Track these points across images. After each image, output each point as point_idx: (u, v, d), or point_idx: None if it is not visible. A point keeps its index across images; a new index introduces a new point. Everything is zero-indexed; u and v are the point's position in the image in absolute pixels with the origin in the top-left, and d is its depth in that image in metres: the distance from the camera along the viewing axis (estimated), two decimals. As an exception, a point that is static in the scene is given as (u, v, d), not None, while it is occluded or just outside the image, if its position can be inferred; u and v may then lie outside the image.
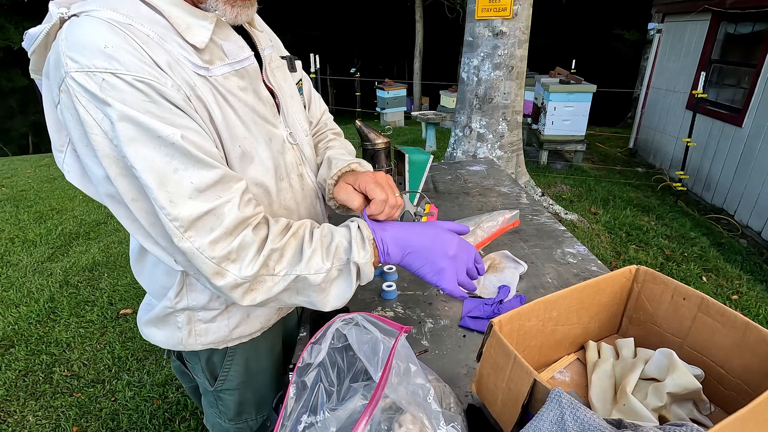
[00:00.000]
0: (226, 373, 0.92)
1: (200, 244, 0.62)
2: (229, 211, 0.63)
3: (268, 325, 0.91)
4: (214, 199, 0.63)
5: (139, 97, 0.58)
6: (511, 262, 1.18)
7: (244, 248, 0.64)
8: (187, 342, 0.84)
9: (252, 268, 0.65)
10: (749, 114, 4.30)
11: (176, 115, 0.62)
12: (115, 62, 0.57)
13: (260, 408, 0.99)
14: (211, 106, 0.67)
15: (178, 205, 0.60)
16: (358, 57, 15.20)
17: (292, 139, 0.84)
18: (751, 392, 0.65)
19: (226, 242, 0.63)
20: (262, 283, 0.67)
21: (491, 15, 3.60)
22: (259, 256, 0.65)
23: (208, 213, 0.62)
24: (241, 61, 0.72)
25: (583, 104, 5.41)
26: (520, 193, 1.72)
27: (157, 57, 0.62)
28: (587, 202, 4.51)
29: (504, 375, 0.63)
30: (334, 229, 0.74)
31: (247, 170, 0.74)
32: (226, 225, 0.63)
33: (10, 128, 14.31)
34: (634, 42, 11.92)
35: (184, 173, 0.61)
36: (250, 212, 0.66)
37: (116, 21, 0.60)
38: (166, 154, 0.60)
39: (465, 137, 4.04)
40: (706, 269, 3.35)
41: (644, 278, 0.80)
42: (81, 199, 4.60)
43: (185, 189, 0.61)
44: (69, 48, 0.58)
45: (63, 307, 2.74)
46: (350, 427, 0.54)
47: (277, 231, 0.69)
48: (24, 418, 1.98)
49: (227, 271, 0.64)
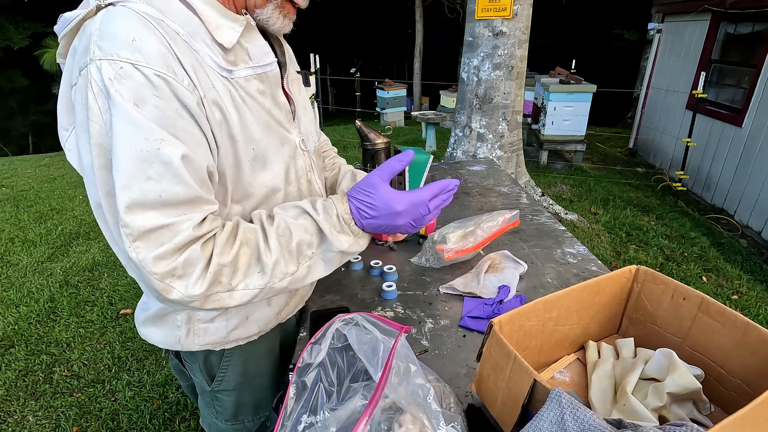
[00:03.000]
0: (224, 374, 0.92)
1: (144, 257, 0.59)
2: (186, 228, 0.61)
3: (266, 329, 0.91)
4: (176, 215, 0.61)
5: (149, 92, 0.59)
6: (511, 262, 1.18)
7: (190, 264, 0.61)
8: (185, 341, 0.84)
9: (201, 286, 0.62)
10: (749, 114, 4.30)
11: (180, 117, 0.62)
12: (138, 54, 0.59)
13: (257, 410, 0.99)
14: (228, 108, 0.68)
15: (133, 212, 0.58)
16: (358, 57, 15.20)
17: (304, 146, 0.86)
18: (751, 392, 0.65)
19: (171, 258, 0.60)
20: (219, 301, 0.65)
21: (491, 15, 3.60)
22: (206, 273, 0.62)
23: (164, 227, 0.60)
24: (263, 66, 0.74)
25: (583, 104, 5.41)
26: (520, 193, 1.72)
27: (183, 55, 0.63)
28: (587, 202, 4.51)
29: (504, 375, 0.63)
30: (290, 223, 0.71)
31: (257, 172, 0.75)
32: (177, 242, 0.60)
33: (10, 128, 14.30)
34: (634, 42, 11.91)
35: (156, 184, 0.59)
36: (205, 229, 0.64)
37: (149, 15, 0.62)
38: (145, 160, 0.58)
39: (465, 137, 4.04)
40: (706, 269, 3.35)
41: (644, 278, 0.80)
42: (81, 199, 4.60)
43: (150, 199, 0.59)
44: (100, 37, 0.59)
45: (63, 307, 2.74)
46: (350, 427, 0.54)
47: (222, 242, 0.65)
48: (24, 418, 1.98)
49: (172, 288, 0.61)
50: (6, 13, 13.94)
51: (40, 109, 14.49)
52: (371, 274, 1.19)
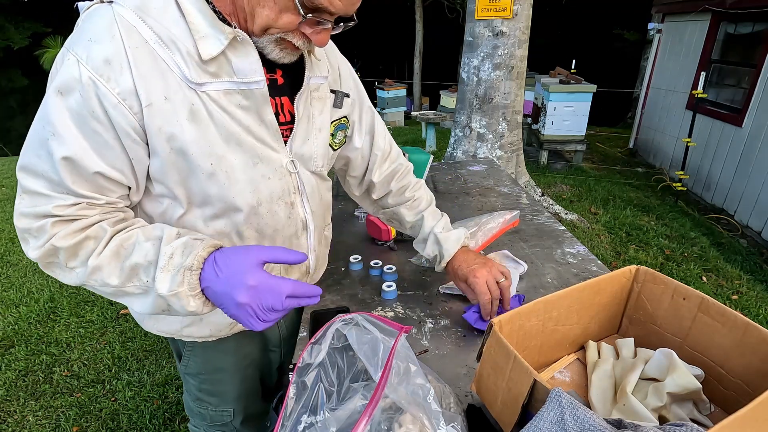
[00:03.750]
0: (187, 360, 1.00)
1: (17, 208, 0.69)
2: (50, 203, 0.67)
3: (219, 335, 0.94)
4: (50, 190, 0.67)
5: (77, 87, 0.64)
6: (511, 262, 1.18)
7: (38, 233, 0.68)
8: (146, 323, 0.92)
9: (36, 253, 0.69)
10: (749, 114, 4.29)
11: (94, 119, 0.65)
12: (85, 53, 0.64)
13: (221, 401, 1.05)
14: (181, 121, 0.68)
15: (23, 172, 0.68)
16: (358, 57, 15.19)
17: (292, 167, 0.82)
18: (751, 392, 0.65)
19: (30, 220, 0.68)
20: (59, 270, 0.71)
21: (491, 15, 3.60)
22: (42, 248, 0.68)
23: (42, 195, 0.67)
24: (248, 83, 0.72)
25: (583, 104, 5.41)
26: (520, 193, 1.72)
27: (139, 63, 0.65)
28: (587, 202, 4.51)
29: (504, 375, 0.63)
30: (139, 242, 0.69)
31: (215, 186, 0.74)
32: (37, 210, 0.68)
33: (10, 128, 14.30)
34: (634, 42, 11.91)
35: (40, 163, 0.66)
36: (68, 213, 0.68)
37: (124, 19, 0.65)
38: (39, 141, 0.66)
39: (465, 137, 4.04)
40: (706, 269, 3.35)
41: (644, 278, 0.80)
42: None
43: (34, 170, 0.67)
44: (76, 29, 0.68)
45: (63, 307, 2.74)
46: (350, 427, 0.54)
47: (73, 230, 0.69)
48: (24, 418, 1.98)
49: (26, 241, 0.70)
50: (6, 13, 13.94)
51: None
52: (371, 274, 1.19)
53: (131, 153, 0.69)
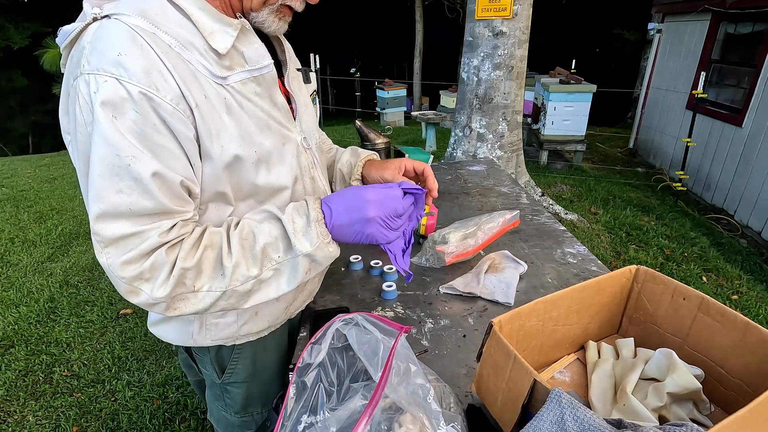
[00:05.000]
0: (234, 366, 0.93)
1: (113, 262, 0.63)
2: (153, 235, 0.64)
3: (276, 324, 0.93)
4: (144, 224, 0.64)
5: (129, 106, 0.61)
6: (511, 262, 1.18)
7: (156, 269, 0.65)
8: (197, 337, 0.86)
9: (165, 289, 0.65)
10: (749, 114, 4.30)
11: (157, 132, 0.63)
12: (122, 69, 0.60)
13: (266, 402, 1.01)
14: (222, 116, 0.69)
15: (103, 221, 0.62)
16: (358, 57, 15.20)
17: (306, 144, 0.86)
18: (751, 392, 0.65)
19: (138, 264, 0.64)
20: (185, 300, 0.68)
21: (491, 15, 3.60)
22: (170, 278, 0.65)
23: (133, 235, 0.63)
24: (260, 69, 0.74)
25: (583, 104, 5.41)
26: (520, 193, 1.72)
27: (175, 67, 0.64)
28: (587, 202, 4.51)
29: (504, 375, 0.63)
30: (254, 227, 0.71)
31: (262, 174, 0.75)
32: (143, 248, 0.64)
33: (10, 128, 14.30)
34: (634, 42, 11.91)
35: (126, 197, 0.62)
36: (173, 236, 0.66)
37: (140, 28, 0.63)
38: (117, 174, 0.61)
39: (465, 137, 4.04)
40: (706, 269, 3.35)
41: (644, 278, 0.80)
42: (81, 199, 4.60)
43: (120, 210, 0.62)
44: (90, 51, 0.62)
45: (63, 307, 2.74)
46: (350, 427, 0.54)
47: (189, 247, 0.67)
48: (24, 418, 1.98)
49: (141, 290, 0.65)
50: (6, 13, 13.93)
51: (40, 109, 14.48)
52: (371, 274, 1.19)
53: (193, 159, 0.68)
